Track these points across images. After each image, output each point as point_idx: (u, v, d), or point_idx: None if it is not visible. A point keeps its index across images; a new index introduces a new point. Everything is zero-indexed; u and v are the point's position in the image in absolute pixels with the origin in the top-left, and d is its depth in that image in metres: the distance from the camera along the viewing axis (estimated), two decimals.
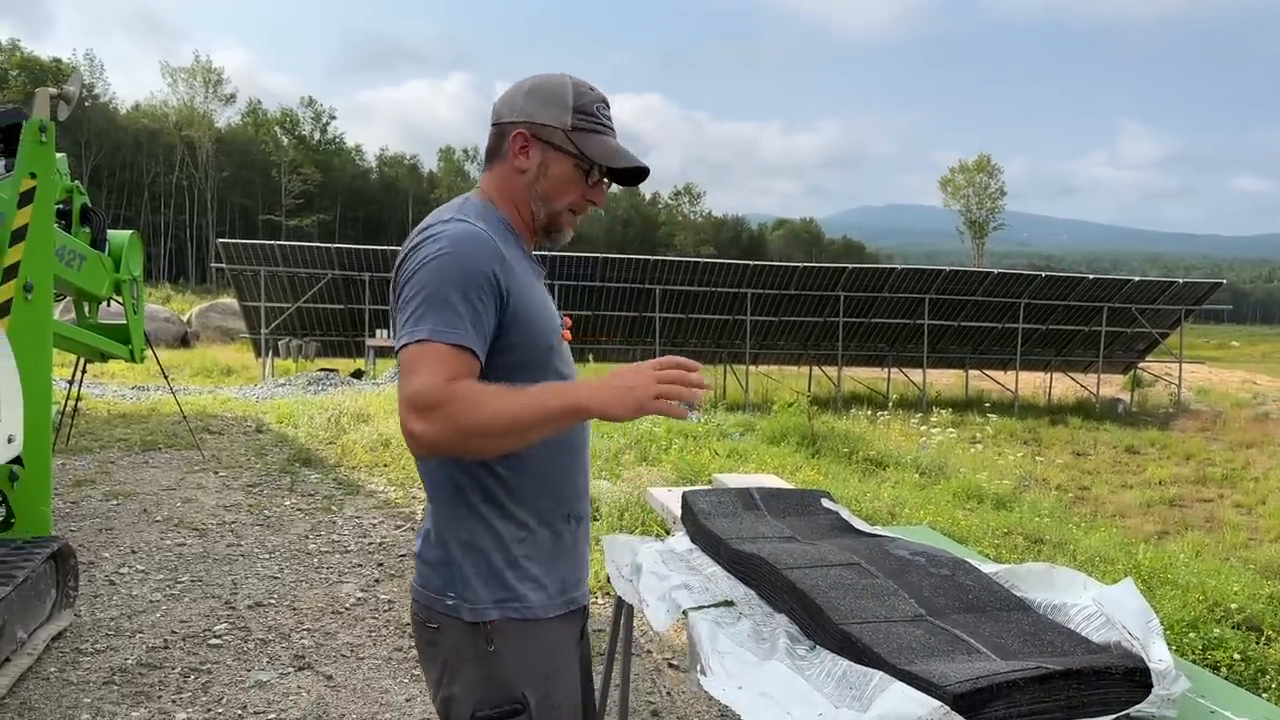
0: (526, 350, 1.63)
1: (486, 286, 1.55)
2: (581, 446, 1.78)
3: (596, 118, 1.70)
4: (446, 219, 1.63)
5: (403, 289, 1.60)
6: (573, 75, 1.73)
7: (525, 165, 1.69)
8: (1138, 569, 6.22)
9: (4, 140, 5.64)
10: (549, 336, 1.67)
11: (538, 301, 1.67)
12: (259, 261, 21.71)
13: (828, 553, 2.22)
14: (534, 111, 1.68)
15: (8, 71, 65.29)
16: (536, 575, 1.68)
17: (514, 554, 1.67)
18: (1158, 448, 17.92)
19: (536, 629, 1.67)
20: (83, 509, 6.48)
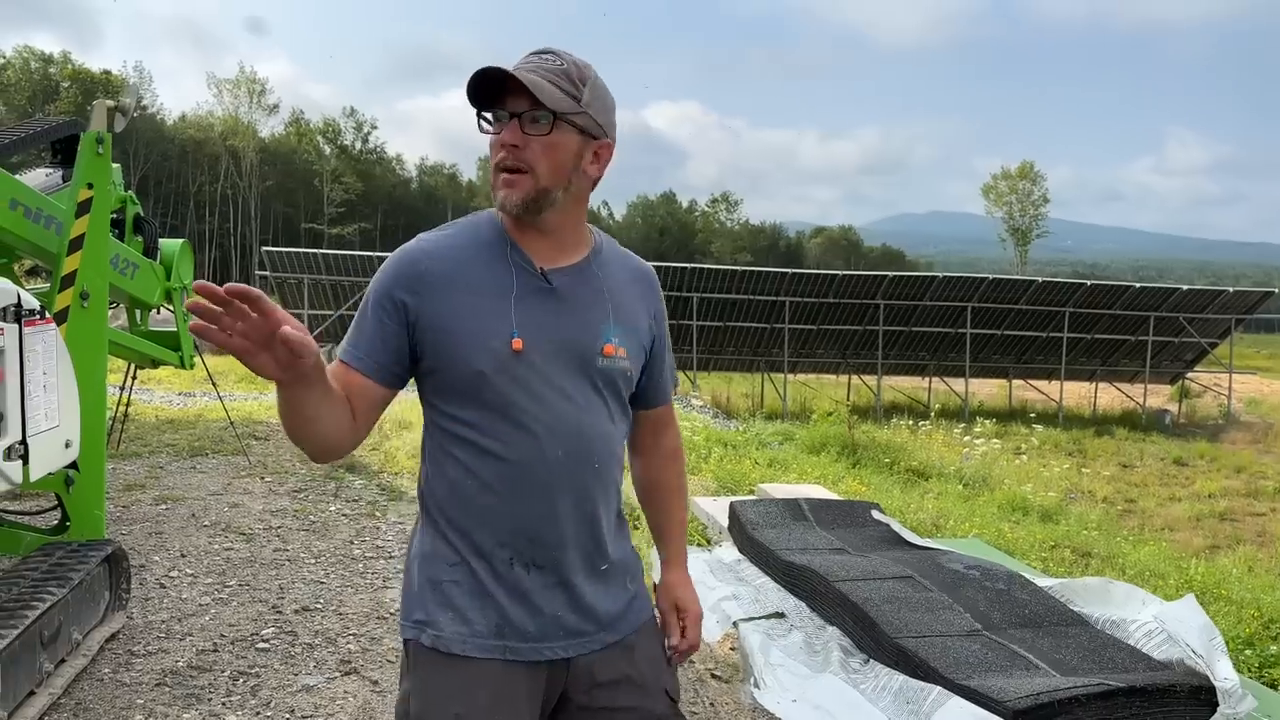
0: (446, 376, 1.56)
1: (386, 304, 1.55)
2: (551, 488, 1.57)
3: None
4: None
5: None
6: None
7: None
8: (1190, 584, 6.10)
9: (62, 151, 5.80)
10: (473, 361, 1.52)
11: (466, 320, 1.53)
12: (303, 270, 22.00)
13: (879, 565, 2.20)
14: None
15: (59, 83, 66.85)
16: (460, 606, 1.57)
17: (439, 577, 1.59)
18: (1207, 460, 17.57)
19: (451, 663, 1.55)
20: (133, 513, 6.59)
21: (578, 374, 1.59)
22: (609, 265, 1.68)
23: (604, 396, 1.63)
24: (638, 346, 1.69)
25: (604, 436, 1.63)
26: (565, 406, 1.58)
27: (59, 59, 69.27)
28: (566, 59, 1.55)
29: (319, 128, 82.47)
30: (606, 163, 1.61)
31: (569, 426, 1.58)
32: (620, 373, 1.64)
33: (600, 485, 1.63)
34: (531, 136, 1.51)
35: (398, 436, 9.68)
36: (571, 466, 1.58)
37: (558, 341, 1.57)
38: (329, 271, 22.24)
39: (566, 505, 1.59)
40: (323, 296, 22.61)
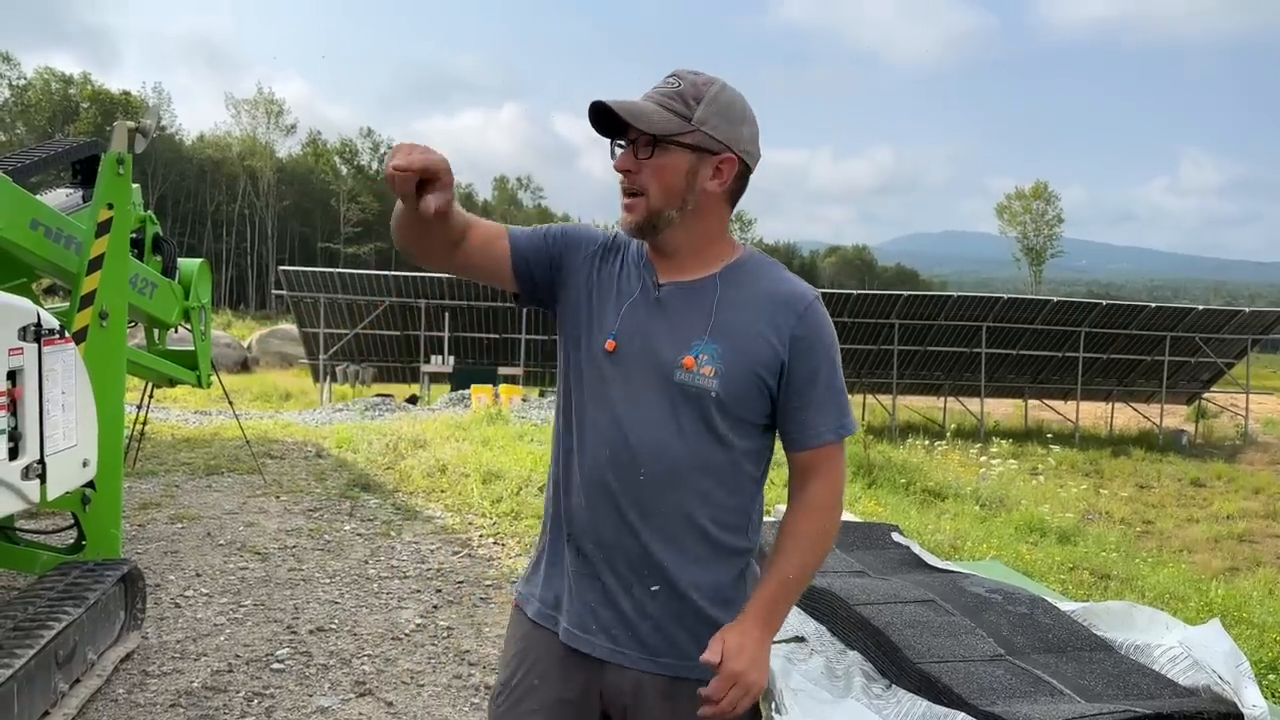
0: (566, 350, 1.71)
1: (564, 238, 1.73)
2: (592, 485, 1.62)
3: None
4: None
5: None
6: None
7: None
8: (1210, 607, 6.04)
9: (82, 171, 5.85)
10: (580, 347, 1.67)
11: (587, 312, 1.68)
12: (319, 289, 22.12)
13: (901, 589, 2.18)
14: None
15: (79, 104, 67.61)
16: (539, 573, 1.75)
17: (539, 543, 1.78)
18: (1224, 481, 17.43)
19: (520, 619, 1.75)
20: (149, 532, 6.61)
21: (655, 384, 1.60)
22: (739, 283, 1.64)
23: (676, 410, 1.59)
24: (744, 370, 1.59)
25: (658, 449, 1.58)
26: (627, 411, 1.60)
27: (79, 80, 70.11)
28: (686, 79, 1.59)
29: (336, 148, 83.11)
30: (733, 175, 1.61)
31: (620, 430, 1.60)
32: (701, 390, 1.58)
33: (650, 498, 1.59)
34: (642, 161, 1.57)
35: (413, 455, 9.68)
36: (615, 470, 1.60)
37: (645, 349, 1.61)
38: (345, 290, 22.35)
39: (604, 506, 1.61)
40: (339, 315, 22.72)
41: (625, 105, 1.56)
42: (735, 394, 1.58)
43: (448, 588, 5.61)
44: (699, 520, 1.60)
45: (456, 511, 7.60)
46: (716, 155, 1.58)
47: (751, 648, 1.53)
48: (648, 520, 1.60)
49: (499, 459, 9.08)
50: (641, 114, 1.55)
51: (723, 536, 1.63)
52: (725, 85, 1.61)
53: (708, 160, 1.58)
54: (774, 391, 1.61)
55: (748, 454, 1.63)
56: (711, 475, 1.60)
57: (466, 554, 6.36)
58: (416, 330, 22.94)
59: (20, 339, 3.63)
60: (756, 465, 1.66)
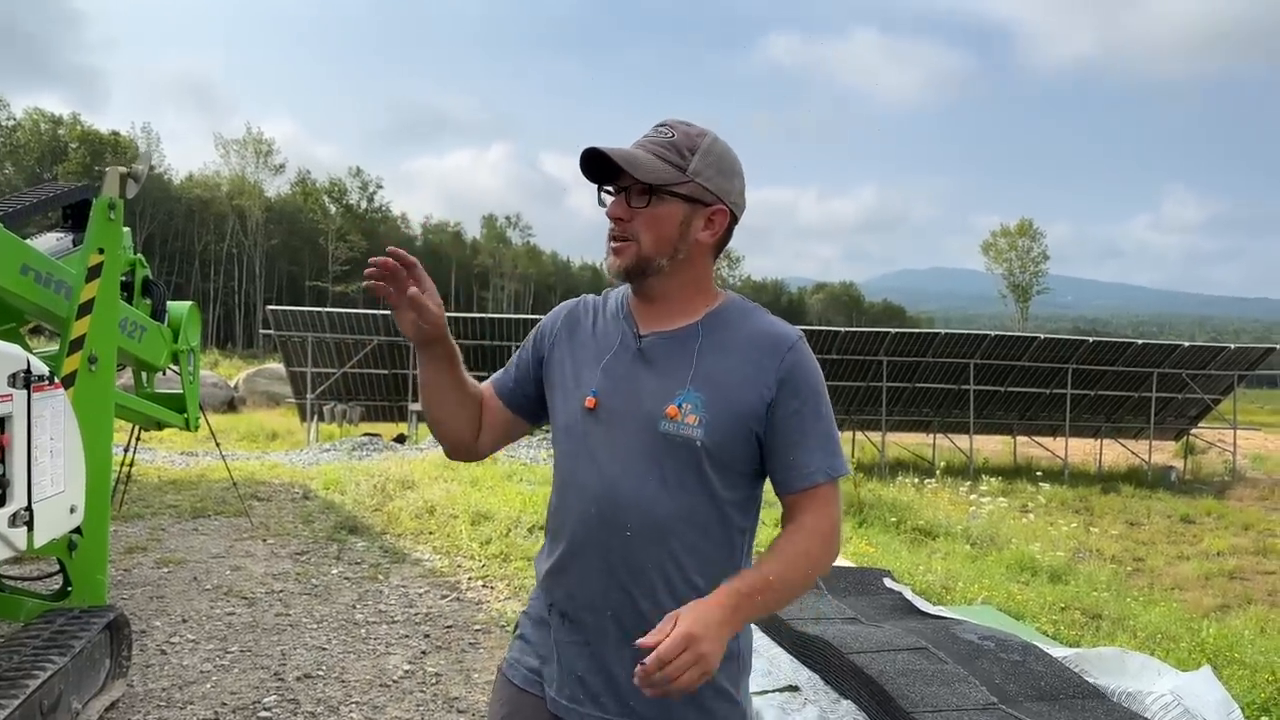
0: (554, 418, 1.74)
1: (529, 341, 1.81)
2: (583, 545, 1.59)
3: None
4: None
5: None
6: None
7: None
8: (1202, 647, 6.02)
9: (73, 215, 5.86)
10: (560, 413, 1.70)
11: (566, 374, 1.71)
12: (307, 328, 22.08)
13: (893, 635, 2.18)
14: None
15: (68, 144, 67.74)
16: (523, 636, 1.72)
17: (527, 607, 1.76)
18: (1214, 517, 17.45)
19: (505, 684, 1.73)
20: (134, 576, 6.54)
21: (638, 436, 1.57)
22: (723, 329, 1.62)
23: (661, 462, 1.55)
24: (730, 416, 1.56)
25: (643, 503, 1.55)
26: (611, 466, 1.57)
27: (68, 121, 70.26)
28: (679, 130, 1.61)
29: (324, 187, 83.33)
30: (724, 227, 1.64)
31: (605, 486, 1.57)
32: (685, 440, 1.54)
33: (638, 554, 1.55)
34: (636, 210, 1.58)
35: (401, 496, 9.63)
36: (602, 528, 1.57)
37: (627, 403, 1.59)
38: (333, 329, 22.31)
39: (595, 567, 1.58)
40: (326, 355, 22.66)
41: (622, 153, 1.56)
42: (721, 441, 1.55)
43: (436, 632, 5.56)
44: (689, 575, 1.56)
45: (445, 554, 7.55)
46: (709, 206, 1.60)
47: (713, 623, 1.41)
48: (637, 579, 1.56)
49: (488, 499, 9.04)
50: (638, 163, 1.55)
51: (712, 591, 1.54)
52: (716, 137, 1.63)
53: (700, 211, 1.60)
54: (761, 436, 1.57)
55: (735, 504, 1.60)
56: (698, 528, 1.56)
57: (455, 597, 6.31)
58: (404, 369, 22.89)
59: (9, 385, 3.61)
60: (745, 516, 1.63)
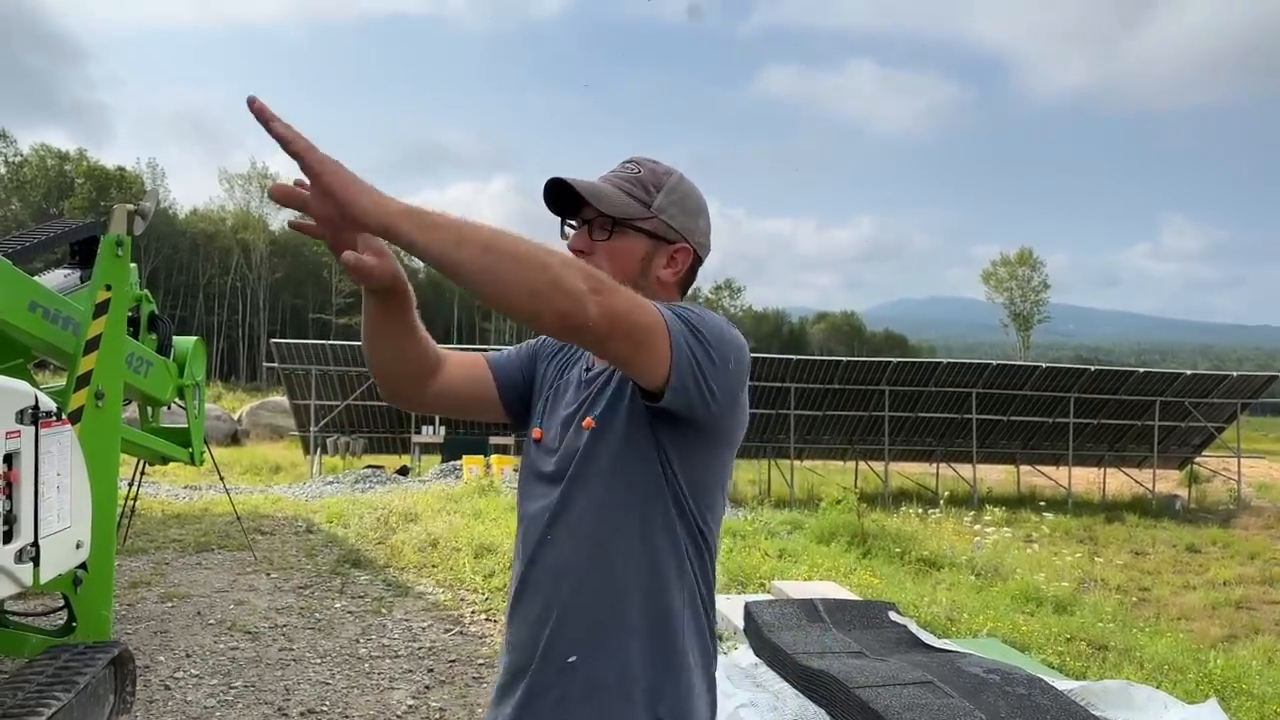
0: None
1: (525, 349, 1.78)
2: (526, 576, 1.54)
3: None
4: None
5: None
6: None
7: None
8: (1209, 678, 5.99)
9: (80, 252, 5.91)
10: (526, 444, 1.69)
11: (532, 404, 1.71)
12: (310, 361, 22.13)
13: (899, 670, 2.19)
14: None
15: (74, 180, 68.21)
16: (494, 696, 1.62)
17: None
18: (1220, 546, 17.37)
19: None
20: (138, 611, 6.54)
21: (566, 457, 1.54)
22: None
23: (587, 475, 1.50)
24: (619, 401, 1.53)
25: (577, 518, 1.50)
26: (546, 488, 1.55)
27: (74, 156, 70.79)
28: (646, 166, 1.59)
29: None
30: (686, 265, 1.61)
31: (540, 507, 1.55)
32: (588, 445, 1.51)
33: (569, 574, 1.48)
34: (597, 242, 1.54)
35: (404, 529, 9.62)
36: (528, 544, 1.55)
37: (562, 427, 1.58)
38: (336, 362, 22.36)
39: (534, 597, 1.52)
40: (330, 387, 22.69)
41: (585, 185, 1.53)
42: (613, 423, 1.51)
43: (440, 667, 5.55)
44: (609, 601, 1.49)
45: (448, 587, 7.54)
46: (672, 244, 1.58)
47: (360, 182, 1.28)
48: (566, 601, 1.50)
49: (491, 532, 9.03)
50: (602, 195, 1.53)
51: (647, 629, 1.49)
52: (683, 177, 1.62)
53: (663, 248, 1.57)
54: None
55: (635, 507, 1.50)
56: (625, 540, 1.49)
57: (459, 631, 6.30)
58: None
59: (17, 422, 3.64)
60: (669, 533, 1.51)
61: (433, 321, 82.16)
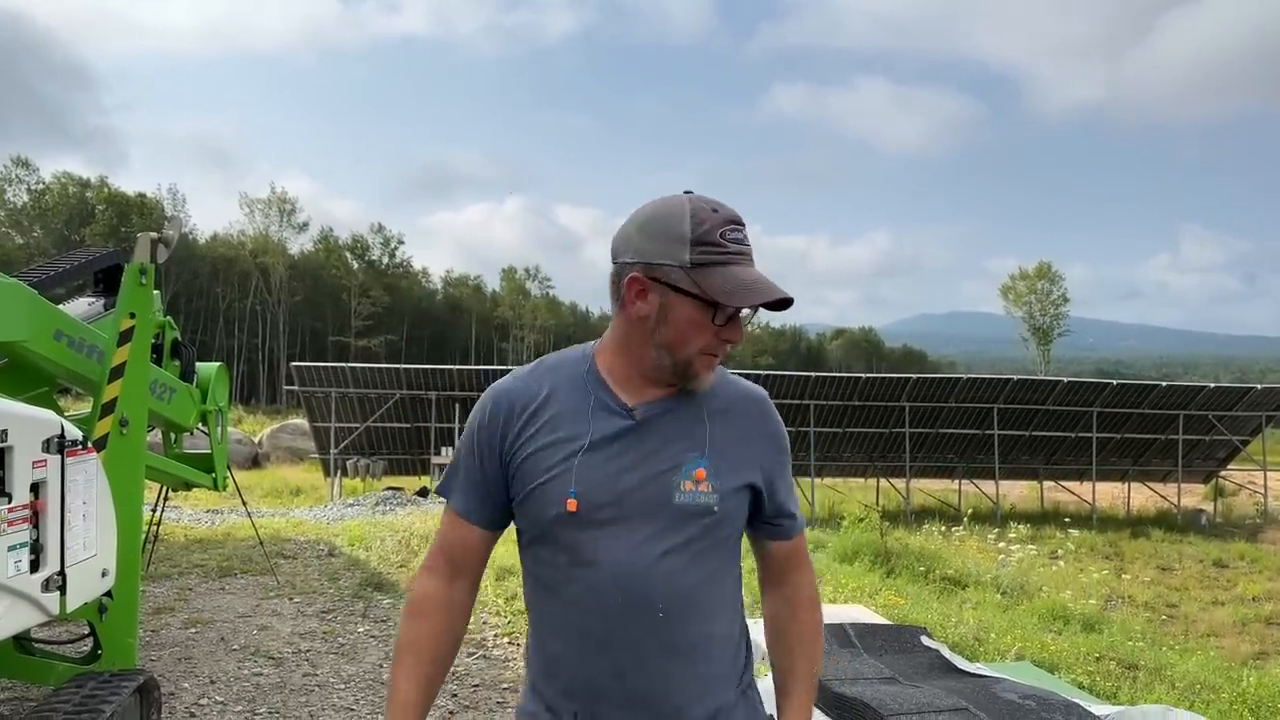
0: (531, 520, 1.54)
1: (478, 446, 1.57)
2: (611, 638, 1.49)
3: (722, 246, 1.45)
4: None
5: None
6: (694, 195, 1.50)
7: (645, 311, 1.49)
8: (1243, 698, 5.89)
9: (104, 280, 5.97)
10: (549, 506, 1.50)
11: (545, 464, 1.51)
12: (330, 383, 22.24)
13: (933, 697, 2.15)
14: (649, 249, 1.47)
15: (95, 207, 68.99)
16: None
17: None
18: (1247, 561, 17.16)
19: None
20: (162, 637, 6.55)
21: (652, 513, 1.49)
22: (714, 390, 1.58)
23: (683, 535, 1.49)
24: (738, 478, 1.54)
25: (671, 579, 1.49)
26: (627, 548, 1.48)
27: (95, 184, 71.61)
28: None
29: (347, 244, 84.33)
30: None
31: (628, 569, 1.48)
32: (703, 508, 1.50)
33: (671, 636, 1.49)
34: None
35: (425, 552, 9.60)
36: (631, 614, 1.48)
37: (627, 485, 1.49)
38: (356, 385, 22.47)
39: (628, 658, 1.49)
40: (349, 410, 22.79)
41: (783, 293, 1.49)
42: (737, 507, 1.56)
43: (464, 692, 5.52)
44: (710, 651, 1.56)
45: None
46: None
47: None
48: (672, 660, 1.52)
49: (511, 553, 8.97)
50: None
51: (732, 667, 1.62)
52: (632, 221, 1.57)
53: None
54: (760, 489, 1.59)
55: (736, 563, 1.63)
56: (711, 599, 1.54)
57: (482, 655, 6.27)
58: (426, 422, 22.97)
59: (44, 451, 3.66)
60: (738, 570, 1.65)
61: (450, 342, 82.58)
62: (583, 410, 1.52)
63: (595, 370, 1.56)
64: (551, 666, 1.54)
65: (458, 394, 22.62)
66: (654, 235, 1.47)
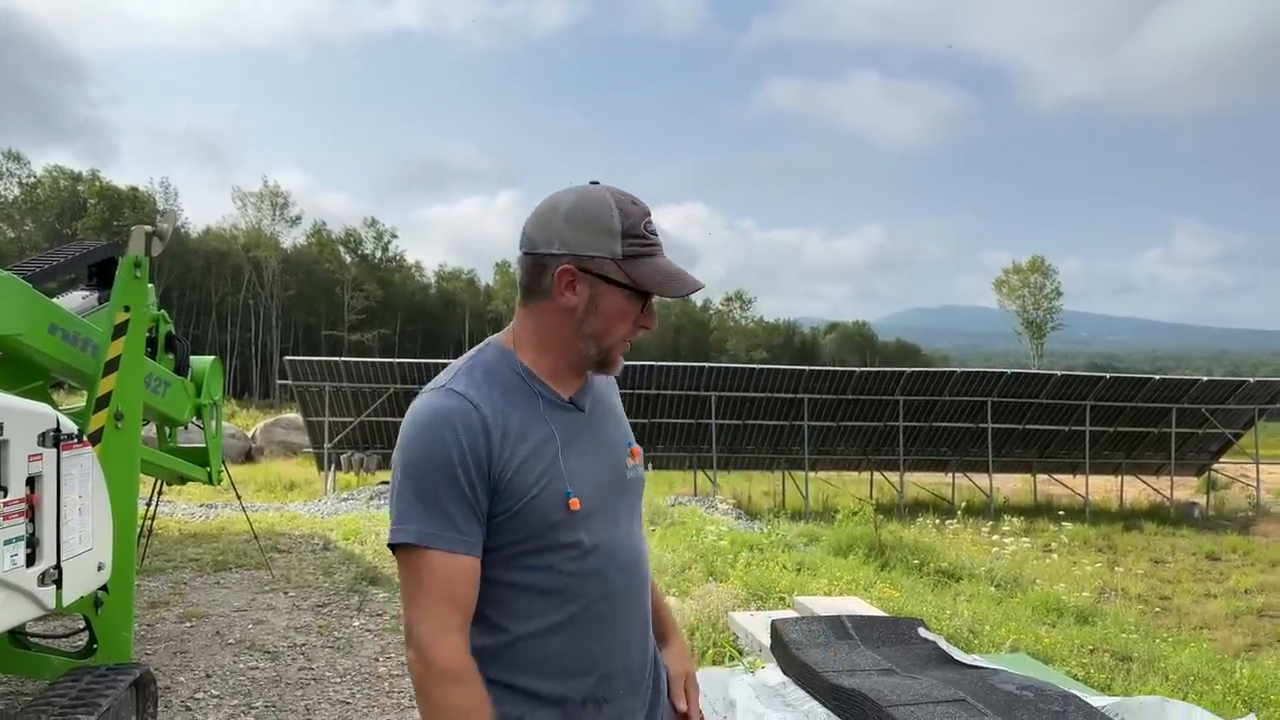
0: (526, 532, 1.49)
1: (464, 473, 1.44)
2: (618, 619, 1.56)
3: (645, 239, 1.50)
4: (433, 386, 1.52)
5: (394, 471, 1.50)
6: (608, 187, 1.53)
7: (574, 303, 1.50)
8: (1237, 689, 5.93)
9: (98, 274, 5.94)
10: (549, 512, 1.48)
11: (535, 474, 1.48)
12: (323, 378, 22.20)
13: (931, 688, 2.16)
14: (578, 241, 1.48)
15: (86, 200, 68.69)
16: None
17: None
18: (1240, 554, 17.22)
19: None
20: (158, 631, 6.54)
21: (618, 496, 1.59)
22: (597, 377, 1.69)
23: (636, 510, 1.65)
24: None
25: (642, 552, 1.65)
26: (614, 533, 1.56)
27: (87, 177, 71.29)
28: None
29: (340, 238, 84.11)
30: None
31: (621, 551, 1.58)
32: (641, 482, 1.66)
33: (646, 602, 1.66)
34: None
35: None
36: (629, 592, 1.59)
37: (599, 475, 1.56)
38: (349, 379, 22.43)
39: (633, 632, 1.60)
40: (343, 403, 22.76)
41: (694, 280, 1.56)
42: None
43: None
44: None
45: None
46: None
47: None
48: (650, 624, 1.68)
49: None
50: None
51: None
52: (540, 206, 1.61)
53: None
54: None
55: None
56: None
57: None
58: None
59: (40, 445, 3.65)
60: None
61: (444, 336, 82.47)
62: (536, 411, 1.52)
63: (526, 368, 1.55)
64: (554, 661, 1.52)
65: None
66: (582, 227, 1.48)
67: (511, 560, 1.50)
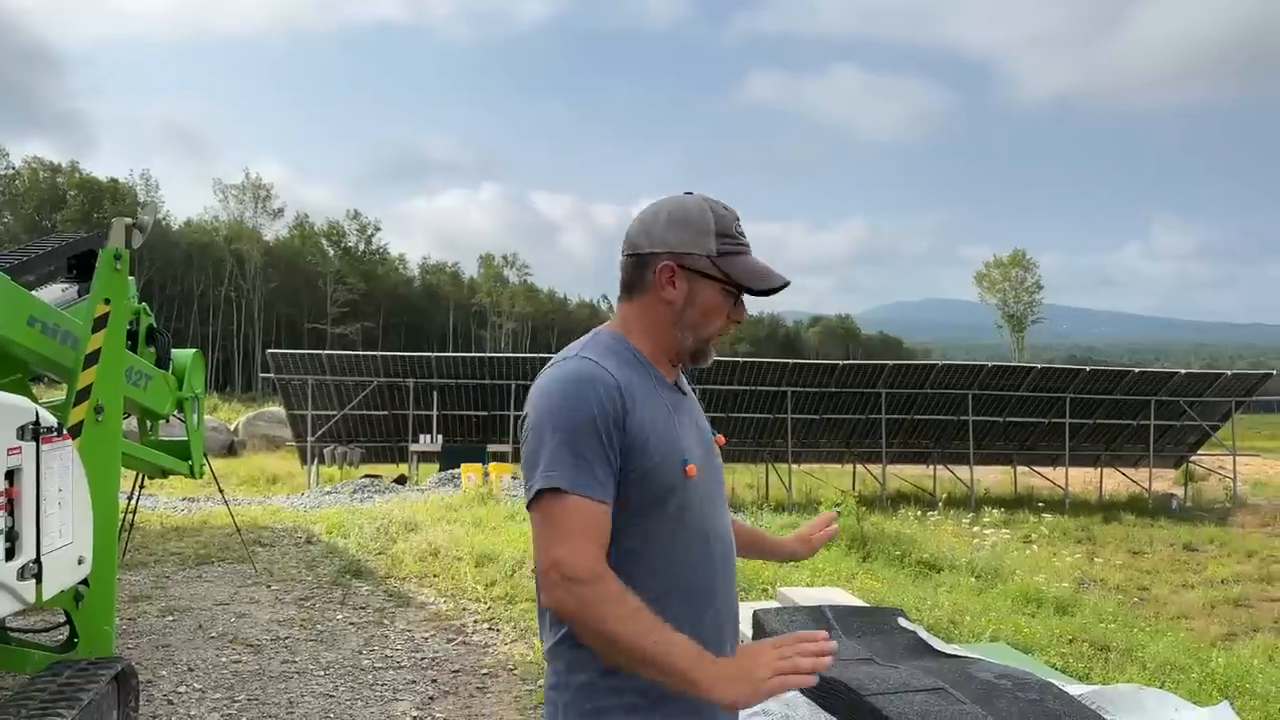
0: (641, 491, 1.57)
1: (604, 429, 1.54)
2: (715, 593, 1.65)
3: (737, 238, 1.68)
4: (565, 357, 1.64)
5: (528, 433, 1.59)
6: (704, 195, 1.71)
7: (673, 296, 1.65)
8: (1212, 677, 6.00)
9: (78, 266, 5.90)
10: (668, 477, 1.59)
11: (657, 439, 1.59)
12: (306, 371, 22.11)
13: (910, 676, 2.18)
14: (677, 240, 1.65)
15: (66, 192, 68.10)
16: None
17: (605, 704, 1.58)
18: (1217, 545, 17.42)
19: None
20: (139, 625, 6.51)
21: (716, 472, 1.75)
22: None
23: (723, 493, 1.77)
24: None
25: (729, 529, 1.74)
26: (715, 505, 1.69)
27: (66, 169, 70.67)
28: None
29: (323, 231, 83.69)
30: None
31: (720, 524, 1.69)
32: (721, 466, 1.80)
33: (734, 584, 1.76)
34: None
35: (404, 539, 9.60)
36: (729, 570, 1.70)
37: (703, 450, 1.70)
38: (332, 372, 22.35)
39: (729, 607, 1.68)
40: (326, 397, 22.67)
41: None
42: None
43: (443, 677, 5.54)
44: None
45: (450, 597, 7.52)
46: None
47: None
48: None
49: (491, 540, 9.02)
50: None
51: None
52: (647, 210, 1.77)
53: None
54: None
55: None
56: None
57: (461, 641, 6.29)
58: (404, 410, 22.88)
59: (19, 438, 3.63)
60: None
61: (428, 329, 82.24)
62: (650, 388, 1.65)
63: (639, 351, 1.69)
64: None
65: (435, 381, 22.57)
66: (681, 228, 1.66)
67: (626, 524, 1.57)
